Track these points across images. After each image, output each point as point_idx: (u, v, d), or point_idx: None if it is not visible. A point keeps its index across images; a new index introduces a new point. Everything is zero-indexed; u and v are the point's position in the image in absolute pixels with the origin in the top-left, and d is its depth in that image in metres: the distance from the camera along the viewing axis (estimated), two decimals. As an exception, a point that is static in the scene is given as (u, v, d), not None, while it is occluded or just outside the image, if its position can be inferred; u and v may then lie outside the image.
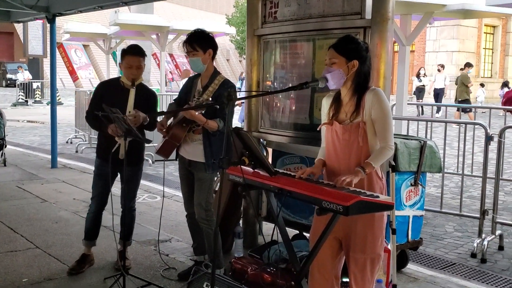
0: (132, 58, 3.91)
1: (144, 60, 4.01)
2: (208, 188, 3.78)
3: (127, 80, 3.94)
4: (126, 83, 3.95)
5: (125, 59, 3.93)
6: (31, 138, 12.90)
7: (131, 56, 3.91)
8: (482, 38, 27.46)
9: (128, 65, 3.91)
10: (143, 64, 3.97)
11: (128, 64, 3.91)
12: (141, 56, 3.95)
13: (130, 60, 3.91)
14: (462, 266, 4.49)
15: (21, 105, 22.64)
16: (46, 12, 8.08)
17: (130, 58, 3.91)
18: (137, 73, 3.93)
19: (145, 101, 3.99)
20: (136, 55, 3.92)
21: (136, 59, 3.91)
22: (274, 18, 4.32)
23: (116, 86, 4.02)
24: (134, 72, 3.91)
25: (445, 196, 6.27)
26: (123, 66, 3.95)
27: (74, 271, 4.05)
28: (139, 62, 3.93)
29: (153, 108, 4.08)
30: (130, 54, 3.93)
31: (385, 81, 3.48)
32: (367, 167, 2.62)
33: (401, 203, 4.04)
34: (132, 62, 3.90)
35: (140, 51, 3.98)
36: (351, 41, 2.74)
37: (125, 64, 3.93)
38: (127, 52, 3.95)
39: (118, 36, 12.19)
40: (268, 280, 3.57)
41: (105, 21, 12.75)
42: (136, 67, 3.91)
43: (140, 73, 3.96)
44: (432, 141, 4.42)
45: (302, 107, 4.12)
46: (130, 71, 3.91)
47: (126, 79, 3.95)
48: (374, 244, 2.73)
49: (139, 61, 3.93)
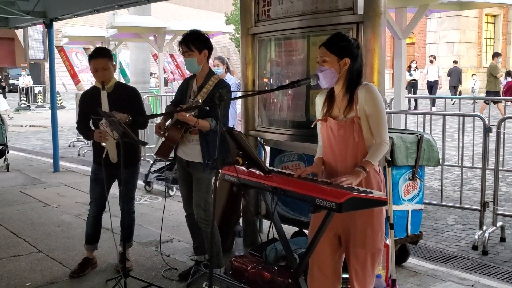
0: (96, 61, 3.92)
1: (112, 60, 4.00)
2: (207, 188, 3.79)
3: (98, 84, 3.95)
4: (99, 87, 3.95)
5: (91, 63, 3.94)
6: (34, 143, 12.96)
7: (94, 60, 3.92)
8: (483, 28, 27.36)
9: (94, 69, 3.92)
10: (110, 65, 3.96)
11: (94, 68, 3.92)
12: (105, 57, 3.94)
13: (94, 64, 3.92)
14: (463, 258, 4.49)
15: (24, 110, 22.74)
16: (43, 17, 8.11)
17: (94, 62, 3.92)
18: (105, 75, 3.93)
19: (125, 99, 3.98)
20: (99, 57, 3.93)
21: (100, 62, 3.91)
22: (267, 16, 4.32)
23: (94, 92, 4.04)
24: (101, 74, 3.91)
25: (446, 188, 6.27)
26: (91, 71, 3.96)
27: (76, 274, 4.08)
28: (104, 64, 3.92)
29: (137, 104, 4.06)
30: (93, 57, 3.94)
31: (379, 76, 3.48)
32: (366, 166, 2.63)
33: (400, 198, 4.04)
34: (96, 65, 3.91)
35: (102, 53, 3.99)
36: (341, 38, 2.74)
37: (91, 69, 3.94)
38: (91, 57, 3.98)
39: (116, 38, 12.21)
40: (267, 278, 3.58)
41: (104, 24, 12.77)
42: (102, 69, 3.91)
43: (108, 74, 3.95)
44: (429, 134, 4.42)
45: (298, 105, 4.13)
46: (97, 74, 3.92)
47: (97, 82, 3.96)
48: (374, 238, 2.73)
49: (104, 62, 3.92)
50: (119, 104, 3.92)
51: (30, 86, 23.80)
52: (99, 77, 3.92)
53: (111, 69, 3.98)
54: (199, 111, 3.59)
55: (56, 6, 7.85)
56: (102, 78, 3.92)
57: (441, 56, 25.94)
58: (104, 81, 3.92)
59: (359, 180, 2.60)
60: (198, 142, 3.72)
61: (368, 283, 2.80)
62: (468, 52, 25.77)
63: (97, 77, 3.93)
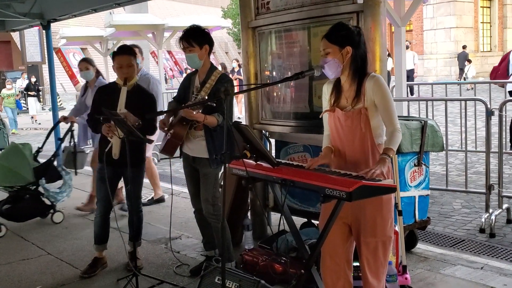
0: (120, 57, 3.97)
1: (135, 58, 4.06)
2: (214, 183, 3.81)
3: (120, 80, 4.00)
4: (119, 83, 4.01)
5: (115, 60, 4.00)
6: (36, 145, 12.95)
7: (119, 56, 3.98)
8: (479, 12, 27.25)
9: (119, 65, 3.97)
10: (133, 62, 4.01)
11: (118, 64, 3.97)
12: (130, 55, 3.99)
13: (119, 60, 3.97)
14: (471, 242, 4.51)
15: (24, 113, 22.72)
16: (40, 19, 8.09)
17: (119, 58, 3.98)
18: (128, 72, 3.97)
19: (140, 102, 4.00)
20: (124, 54, 3.98)
21: (125, 58, 3.96)
22: (267, 9, 4.32)
23: (112, 88, 4.10)
24: (125, 71, 3.96)
25: (450, 173, 6.28)
26: (115, 67, 4.02)
27: (86, 275, 4.10)
28: (129, 61, 3.97)
29: (150, 110, 4.06)
30: (118, 54, 4.01)
31: (381, 64, 3.49)
32: (389, 152, 2.64)
33: (406, 184, 4.05)
34: (121, 61, 3.96)
35: (128, 50, 4.03)
36: (341, 28, 2.75)
37: (116, 65, 4.00)
38: (116, 53, 4.04)
39: (114, 37, 12.18)
40: (279, 270, 3.60)
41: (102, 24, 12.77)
42: (126, 66, 3.96)
43: (131, 72, 3.99)
44: (433, 120, 4.43)
45: (301, 96, 4.13)
46: (121, 70, 3.97)
47: (119, 79, 4.01)
48: (384, 226, 2.74)
49: (129, 59, 3.97)
50: (134, 104, 3.93)
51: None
52: (122, 74, 3.96)
53: (134, 66, 4.04)
54: (204, 107, 3.59)
55: (52, 7, 7.82)
56: (125, 75, 3.96)
57: (439, 42, 25.90)
58: (127, 78, 3.96)
59: (386, 166, 2.60)
60: (203, 138, 3.73)
61: (381, 272, 2.81)
62: (466, 37, 25.71)
63: (121, 73, 3.97)
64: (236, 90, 5.04)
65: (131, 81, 4.01)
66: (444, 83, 12.25)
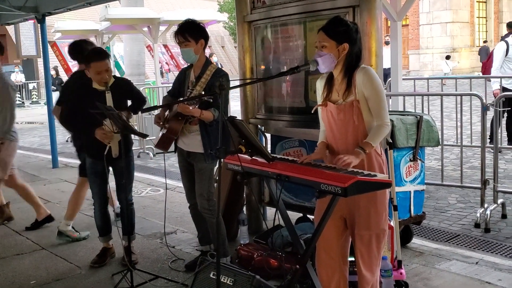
0: (100, 63, 3.84)
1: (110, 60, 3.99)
2: (209, 178, 3.80)
3: (100, 86, 3.90)
4: (99, 89, 3.91)
5: (93, 65, 3.83)
6: (31, 140, 12.93)
7: (98, 62, 3.83)
8: (475, 7, 27.28)
9: (97, 72, 3.84)
10: (110, 65, 3.94)
11: (97, 70, 3.83)
12: (107, 59, 3.90)
13: (98, 66, 3.83)
14: (466, 237, 4.52)
15: (19, 107, 22.60)
16: (35, 13, 8.04)
17: (98, 64, 3.83)
18: (108, 76, 3.90)
19: (122, 93, 4.04)
20: (103, 60, 3.86)
21: (104, 64, 3.86)
22: (262, 3, 4.29)
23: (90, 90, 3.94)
24: (105, 76, 3.87)
25: (446, 168, 6.29)
26: (92, 73, 3.86)
27: (97, 265, 4.14)
28: (107, 65, 3.89)
29: (132, 91, 4.15)
30: (96, 60, 3.84)
31: (377, 59, 3.47)
32: (366, 147, 2.63)
33: (402, 179, 4.06)
34: (101, 67, 3.84)
35: (105, 54, 3.93)
36: (340, 23, 2.73)
37: (94, 71, 3.84)
38: (93, 59, 3.84)
39: (109, 31, 12.12)
40: (274, 265, 3.60)
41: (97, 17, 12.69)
42: (105, 71, 3.87)
43: (110, 75, 3.93)
44: (428, 115, 4.42)
45: (297, 91, 4.12)
46: (101, 76, 3.86)
47: (98, 85, 3.90)
48: (378, 220, 2.75)
49: (107, 64, 3.89)
50: (119, 97, 3.94)
51: (24, 83, 23.65)
52: (102, 79, 3.87)
53: (111, 68, 3.97)
54: (199, 102, 3.57)
55: (47, 0, 7.77)
56: (106, 80, 3.89)
57: (435, 37, 25.89)
58: (107, 82, 3.90)
59: (359, 160, 2.60)
60: (198, 133, 3.71)
61: (374, 265, 2.82)
62: (462, 32, 25.73)
63: (101, 79, 3.86)
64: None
65: (110, 82, 3.94)
66: (440, 77, 12.27)
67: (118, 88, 4.00)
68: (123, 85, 4.11)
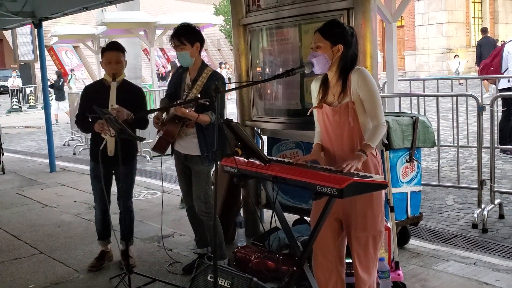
0: (110, 53, 3.97)
1: (124, 55, 4.04)
2: (206, 180, 3.80)
3: (108, 77, 3.99)
4: (107, 80, 4.00)
5: (104, 55, 3.99)
6: (28, 144, 12.91)
7: (109, 52, 3.98)
8: (471, 8, 27.35)
9: (108, 61, 3.97)
10: (122, 59, 4.01)
11: (107, 60, 3.97)
12: (119, 51, 3.99)
13: (108, 56, 3.97)
14: (464, 237, 4.53)
15: (16, 111, 22.60)
16: (32, 18, 8.05)
17: (109, 54, 3.97)
18: (117, 68, 3.97)
19: (130, 97, 4.01)
20: (114, 50, 3.98)
21: (114, 54, 3.96)
22: (258, 6, 4.31)
23: (100, 85, 4.11)
24: (114, 67, 3.96)
25: (443, 169, 6.30)
26: (103, 63, 4.01)
27: (95, 268, 4.14)
28: (118, 57, 3.97)
29: (140, 104, 4.09)
30: (108, 50, 4.00)
31: (372, 61, 3.49)
32: (366, 149, 2.64)
33: (398, 180, 4.06)
34: (110, 57, 3.96)
35: (118, 46, 4.03)
36: (336, 25, 2.75)
37: (104, 61, 3.99)
38: (105, 49, 4.04)
39: (106, 35, 12.14)
40: (271, 267, 3.60)
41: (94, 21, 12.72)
42: (116, 62, 3.96)
43: (120, 68, 3.99)
44: (424, 116, 4.44)
45: (292, 93, 4.13)
46: (110, 66, 3.96)
47: (107, 75, 4.00)
48: (375, 221, 2.76)
49: (118, 55, 3.97)
50: (125, 99, 3.94)
51: (20, 87, 23.63)
52: (111, 69, 3.96)
53: (123, 63, 4.03)
54: (196, 105, 3.58)
55: (44, 5, 7.78)
56: (114, 71, 3.96)
57: (431, 38, 25.95)
58: (116, 74, 3.96)
59: (361, 163, 2.61)
60: (195, 135, 3.72)
61: (371, 266, 2.83)
62: (457, 32, 25.80)
63: (109, 69, 3.96)
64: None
65: (119, 77, 4.00)
66: (436, 78, 12.29)
67: (127, 89, 4.05)
68: (132, 90, 4.12)
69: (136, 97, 4.09)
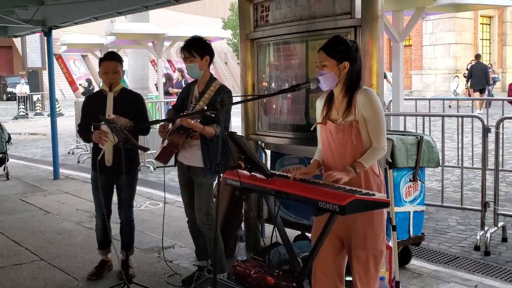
0: (107, 63, 4.00)
1: (122, 65, 4.07)
2: (208, 192, 3.80)
3: (106, 86, 4.01)
4: (105, 90, 4.02)
5: (102, 65, 4.02)
6: (33, 151, 12.96)
7: (106, 62, 4.01)
8: (479, 29, 27.45)
9: (105, 71, 3.99)
10: (120, 69, 4.03)
11: (105, 69, 3.99)
12: (116, 61, 4.01)
13: (106, 66, 4.00)
14: (466, 259, 4.49)
15: (22, 118, 22.73)
16: (42, 26, 8.13)
17: (106, 64, 4.00)
18: (114, 77, 3.99)
19: (129, 105, 4.03)
20: (111, 60, 4.01)
21: (111, 64, 3.99)
22: (266, 22, 4.34)
23: (99, 95, 4.13)
24: (111, 76, 3.98)
25: (446, 189, 6.28)
26: (101, 73, 4.04)
27: (94, 277, 4.14)
28: (115, 67, 3.99)
29: (140, 110, 4.12)
30: (105, 60, 4.03)
31: (378, 79, 3.50)
32: (358, 167, 2.65)
33: (401, 199, 4.05)
34: (107, 67, 3.99)
35: (115, 56, 4.06)
36: (340, 42, 2.76)
37: (102, 71, 4.01)
38: (102, 59, 4.06)
39: (114, 45, 12.23)
40: (271, 282, 3.58)
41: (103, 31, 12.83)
42: (112, 72, 3.98)
43: (117, 78, 4.01)
44: (429, 136, 4.44)
45: (297, 108, 4.14)
46: (107, 76, 3.98)
47: (105, 85, 4.02)
48: (375, 240, 2.74)
49: (115, 65, 3.99)
50: (123, 108, 3.96)
51: (28, 94, 23.79)
52: (108, 79, 3.98)
53: (120, 73, 4.05)
54: (202, 117, 3.60)
55: (55, 14, 7.86)
56: (111, 80, 3.98)
57: (438, 58, 26.03)
58: (112, 84, 3.98)
59: (348, 178, 2.62)
60: (199, 147, 3.73)
61: (372, 285, 2.80)
62: (465, 53, 25.86)
63: (106, 79, 3.98)
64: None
65: (117, 87, 4.02)
66: (442, 98, 12.29)
67: (126, 97, 4.06)
68: (131, 97, 4.13)
69: (136, 104, 4.11)
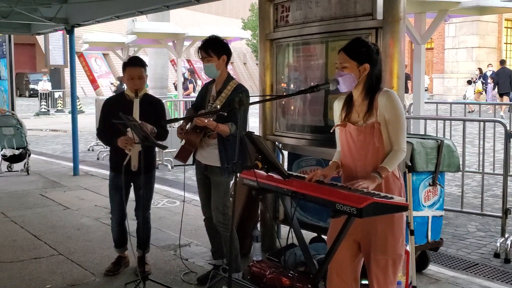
0: (133, 69, 3.98)
1: (146, 70, 4.07)
2: (225, 192, 3.81)
3: (131, 92, 4.00)
4: (130, 95, 4.01)
5: (127, 71, 4.00)
6: (53, 147, 13.14)
7: (132, 68, 3.99)
8: (503, 33, 27.02)
9: (130, 77, 3.98)
10: (144, 74, 4.03)
11: (130, 75, 3.98)
12: (141, 67, 4.01)
13: (131, 72, 3.98)
14: (485, 266, 4.42)
15: (44, 114, 23.07)
16: (65, 24, 8.24)
17: (131, 70, 3.98)
18: (140, 84, 3.99)
19: (152, 110, 4.04)
20: (136, 66, 3.99)
21: (137, 70, 3.98)
22: (286, 22, 4.33)
23: (121, 100, 4.10)
24: (136, 82, 3.98)
25: (467, 195, 6.19)
26: (125, 78, 4.03)
27: (111, 273, 4.18)
28: (140, 73, 3.99)
29: (162, 115, 4.12)
30: (130, 65, 4.00)
31: (398, 81, 3.46)
32: (382, 172, 2.62)
33: (420, 204, 4.00)
34: (133, 73, 3.97)
35: (140, 62, 4.04)
36: (361, 44, 2.74)
37: (127, 76, 4.00)
38: (127, 64, 4.04)
39: (135, 44, 12.34)
40: (286, 283, 3.57)
41: (124, 30, 12.94)
42: (138, 78, 3.98)
43: (142, 83, 4.02)
44: (449, 140, 4.38)
45: (316, 109, 4.12)
46: (133, 82, 3.98)
47: (130, 90, 4.02)
48: (395, 244, 2.71)
49: (140, 71, 3.99)
50: (147, 113, 3.97)
51: (49, 91, 24.14)
52: (134, 85, 3.97)
53: (145, 78, 4.07)
54: (217, 116, 3.61)
55: (77, 12, 7.97)
56: (136, 86, 3.98)
57: (460, 61, 25.68)
58: (138, 90, 3.98)
59: (375, 185, 2.59)
60: (216, 146, 3.74)
61: (390, 290, 2.77)
62: (488, 58, 25.47)
63: (132, 85, 3.98)
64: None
65: (141, 92, 4.03)
66: (464, 102, 12.13)
67: (148, 102, 4.07)
68: (153, 103, 4.15)
69: (157, 109, 4.12)
